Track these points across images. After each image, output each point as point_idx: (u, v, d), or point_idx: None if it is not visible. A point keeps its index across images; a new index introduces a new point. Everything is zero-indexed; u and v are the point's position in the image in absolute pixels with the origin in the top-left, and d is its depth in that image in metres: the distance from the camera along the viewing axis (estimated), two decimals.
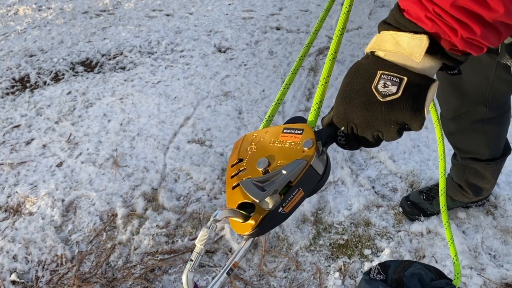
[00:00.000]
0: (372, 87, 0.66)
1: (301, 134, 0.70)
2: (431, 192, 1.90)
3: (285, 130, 0.72)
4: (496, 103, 1.43)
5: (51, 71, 3.16)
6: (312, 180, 0.67)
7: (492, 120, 1.50)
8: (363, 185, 2.07)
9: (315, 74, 2.95)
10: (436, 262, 1.72)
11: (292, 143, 0.70)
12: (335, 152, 2.24)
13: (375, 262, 1.74)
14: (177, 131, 2.49)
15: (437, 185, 1.93)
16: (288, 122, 0.76)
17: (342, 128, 0.70)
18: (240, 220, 0.65)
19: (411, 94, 0.65)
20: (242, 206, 0.66)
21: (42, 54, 3.39)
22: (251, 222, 0.64)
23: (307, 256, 1.79)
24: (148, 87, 2.90)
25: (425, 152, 2.25)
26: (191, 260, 0.64)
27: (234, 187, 0.69)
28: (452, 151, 1.75)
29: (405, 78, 0.65)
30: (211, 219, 0.63)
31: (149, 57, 3.27)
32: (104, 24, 3.84)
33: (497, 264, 1.72)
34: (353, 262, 1.75)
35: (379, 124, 0.66)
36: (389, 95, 0.65)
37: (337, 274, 1.70)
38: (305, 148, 0.67)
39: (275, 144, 0.72)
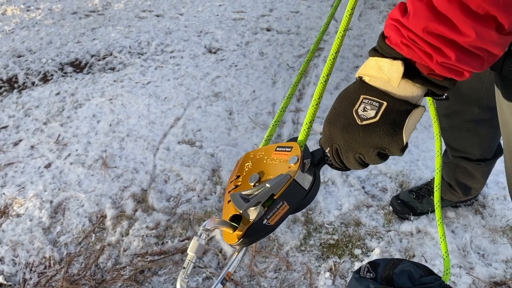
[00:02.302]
0: (353, 110, 0.68)
1: (290, 151, 0.74)
2: (421, 191, 1.91)
3: (277, 149, 0.77)
4: (490, 105, 1.43)
5: (40, 72, 3.13)
6: (297, 194, 0.71)
7: (486, 122, 1.51)
8: (353, 185, 2.08)
9: (305, 75, 2.96)
10: (426, 262, 1.73)
11: (281, 160, 0.74)
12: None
13: (366, 262, 1.74)
14: (167, 132, 2.48)
15: (426, 184, 1.94)
16: (287, 142, 0.81)
17: (327, 150, 0.74)
18: (230, 231, 0.69)
19: (390, 119, 0.66)
20: (234, 218, 0.71)
21: (30, 54, 3.35)
22: (238, 232, 0.68)
23: (298, 256, 1.79)
24: (137, 88, 2.88)
25: (415, 152, 2.26)
26: (184, 268, 0.67)
27: (229, 201, 0.74)
28: None
29: (385, 103, 0.66)
30: (201, 228, 0.67)
31: (139, 57, 3.25)
32: (94, 24, 3.82)
33: (486, 263, 1.74)
34: (343, 262, 1.76)
35: (359, 147, 0.68)
36: (367, 119, 0.67)
37: (327, 274, 1.71)
38: (291, 164, 0.71)
39: (267, 161, 0.77)
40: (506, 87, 0.98)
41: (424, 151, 2.26)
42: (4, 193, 2.12)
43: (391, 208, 1.94)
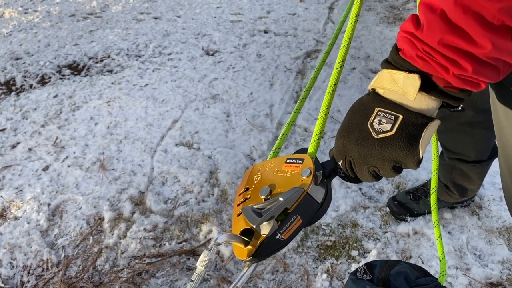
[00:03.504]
0: (368, 123, 0.67)
1: (301, 163, 0.72)
2: (417, 192, 1.92)
3: (287, 160, 0.76)
4: (483, 107, 1.44)
5: (38, 74, 3.13)
6: (310, 207, 0.69)
7: (480, 124, 1.52)
8: (350, 187, 2.09)
9: (302, 77, 2.97)
10: (422, 263, 1.74)
11: (293, 172, 0.72)
12: (322, 154, 2.25)
13: (362, 263, 1.75)
14: (164, 134, 2.48)
15: (423, 185, 1.95)
16: (294, 153, 0.79)
17: (340, 162, 0.72)
18: (241, 246, 0.67)
19: (406, 132, 0.65)
20: (245, 232, 0.69)
21: (28, 57, 3.35)
22: (250, 247, 0.66)
23: (295, 258, 1.80)
24: (135, 90, 2.88)
25: None
26: (192, 281, 0.65)
27: (239, 215, 0.72)
28: None
29: (400, 116, 0.65)
30: (212, 242, 0.66)
31: (137, 60, 3.26)
32: (91, 27, 3.82)
33: (482, 264, 1.74)
34: (340, 263, 1.76)
35: (374, 160, 0.67)
36: (383, 132, 0.66)
37: (324, 275, 1.71)
38: (304, 177, 0.69)
39: (278, 174, 0.75)
40: (502, 93, 0.99)
41: None
42: (1, 196, 2.12)
43: (388, 209, 1.95)
